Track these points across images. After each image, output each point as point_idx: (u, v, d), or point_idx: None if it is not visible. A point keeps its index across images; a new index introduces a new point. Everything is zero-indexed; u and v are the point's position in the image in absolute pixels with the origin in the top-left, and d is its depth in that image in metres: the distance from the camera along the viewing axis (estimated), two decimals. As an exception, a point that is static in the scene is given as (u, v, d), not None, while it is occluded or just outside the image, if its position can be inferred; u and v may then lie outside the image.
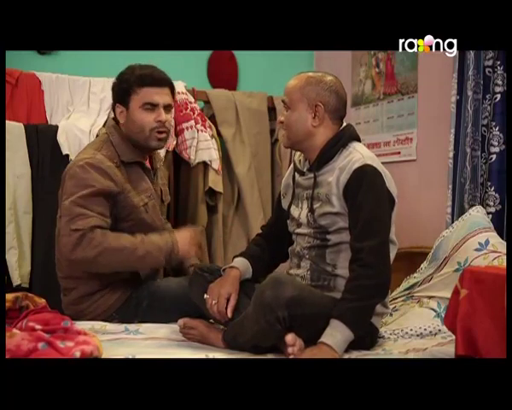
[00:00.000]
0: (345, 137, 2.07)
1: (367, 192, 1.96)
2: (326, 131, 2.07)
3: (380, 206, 1.98)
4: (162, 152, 2.88)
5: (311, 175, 2.08)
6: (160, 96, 2.32)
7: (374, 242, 1.93)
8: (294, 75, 2.12)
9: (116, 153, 2.32)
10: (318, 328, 1.87)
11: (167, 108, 2.36)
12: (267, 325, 1.85)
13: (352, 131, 2.12)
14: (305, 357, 1.81)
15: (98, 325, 2.21)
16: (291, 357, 1.84)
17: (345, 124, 2.13)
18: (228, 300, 2.05)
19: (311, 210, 2.05)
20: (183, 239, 2.31)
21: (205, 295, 2.09)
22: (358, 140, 2.11)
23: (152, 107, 2.31)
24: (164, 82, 2.34)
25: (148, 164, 2.43)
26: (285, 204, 2.21)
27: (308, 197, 2.08)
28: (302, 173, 2.13)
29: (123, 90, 2.32)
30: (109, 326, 2.21)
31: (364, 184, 1.96)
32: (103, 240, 2.17)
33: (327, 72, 2.15)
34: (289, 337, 1.86)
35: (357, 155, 2.01)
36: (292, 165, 2.23)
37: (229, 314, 2.04)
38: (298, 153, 2.20)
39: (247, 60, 3.61)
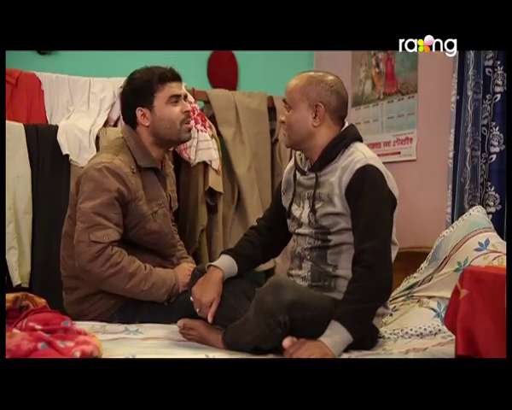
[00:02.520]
0: (347, 138, 2.07)
1: (369, 193, 1.95)
2: (327, 131, 2.07)
3: (381, 206, 1.98)
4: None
5: (313, 175, 2.08)
6: (179, 88, 2.40)
7: (375, 242, 1.93)
8: (295, 75, 2.11)
9: (133, 158, 2.33)
10: (320, 331, 1.87)
11: (185, 99, 2.44)
12: (268, 329, 1.85)
13: (354, 131, 2.12)
14: (301, 356, 1.81)
15: (98, 325, 2.21)
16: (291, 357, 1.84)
17: (347, 124, 2.12)
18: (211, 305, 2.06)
19: (313, 210, 2.05)
20: (183, 273, 2.35)
21: (190, 298, 2.10)
22: (360, 140, 2.11)
23: (176, 99, 2.37)
24: (179, 77, 2.42)
25: (161, 170, 2.44)
26: (285, 202, 2.21)
27: (310, 197, 2.08)
28: (303, 173, 2.13)
29: (144, 92, 2.35)
30: (109, 326, 2.22)
31: (366, 185, 1.96)
32: (120, 262, 2.21)
33: (328, 71, 2.15)
34: (286, 342, 1.86)
35: (360, 155, 2.01)
36: (292, 160, 2.23)
37: (210, 320, 2.05)
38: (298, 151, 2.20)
39: (247, 60, 3.60)
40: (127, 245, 2.31)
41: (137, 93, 2.36)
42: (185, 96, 2.46)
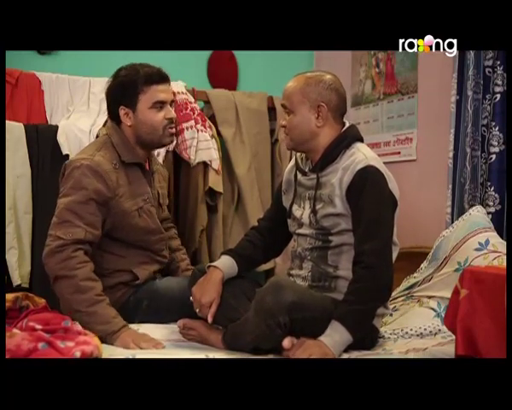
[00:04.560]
0: (348, 138, 2.06)
1: (370, 193, 1.95)
2: (330, 130, 2.06)
3: (382, 207, 1.97)
4: (162, 153, 2.88)
5: (314, 176, 2.08)
6: (166, 93, 2.32)
7: (376, 243, 1.92)
8: (292, 77, 2.10)
9: (116, 153, 2.30)
10: (320, 332, 1.87)
11: (171, 104, 2.37)
12: (268, 330, 1.85)
13: (355, 131, 2.11)
14: (301, 356, 1.81)
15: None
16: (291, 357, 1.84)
17: (348, 124, 2.12)
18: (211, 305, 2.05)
19: (314, 211, 2.05)
20: (126, 338, 2.02)
21: (190, 298, 2.09)
22: (361, 141, 2.11)
23: (161, 105, 2.31)
24: (167, 78, 2.34)
25: (147, 166, 2.41)
26: (286, 202, 2.21)
27: (311, 198, 2.08)
28: (304, 173, 2.13)
29: (128, 91, 2.29)
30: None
31: (367, 186, 1.95)
32: (75, 269, 2.09)
33: (323, 70, 2.15)
34: (286, 342, 1.86)
35: (361, 155, 2.01)
36: (293, 160, 2.23)
37: (210, 321, 2.05)
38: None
39: (247, 60, 3.60)
40: (117, 243, 2.30)
41: (121, 91, 2.30)
42: (172, 102, 2.37)
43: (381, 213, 1.96)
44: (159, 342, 2.03)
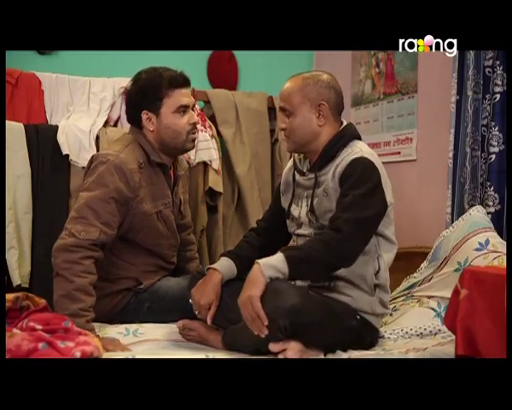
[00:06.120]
0: (346, 137, 2.06)
1: (359, 179, 1.93)
2: (330, 129, 2.06)
3: (370, 194, 1.94)
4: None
5: (312, 175, 2.07)
6: (189, 97, 2.32)
7: (353, 215, 1.89)
8: (287, 79, 2.10)
9: (144, 152, 2.28)
10: (320, 334, 1.87)
11: (193, 108, 2.36)
12: (269, 335, 1.84)
13: (353, 130, 2.11)
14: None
15: (98, 325, 2.21)
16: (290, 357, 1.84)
17: (345, 123, 2.12)
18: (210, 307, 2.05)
19: (312, 209, 2.04)
20: (106, 343, 2.00)
21: (190, 301, 2.09)
22: (359, 139, 2.10)
23: (185, 109, 2.29)
24: (189, 82, 2.33)
25: (171, 172, 2.40)
26: (285, 203, 2.20)
27: (308, 196, 2.07)
28: (302, 173, 2.13)
29: (152, 96, 2.26)
30: (109, 327, 2.21)
31: (358, 171, 1.94)
32: (76, 276, 2.07)
33: (318, 70, 2.15)
34: (275, 348, 1.85)
35: (356, 149, 2.01)
36: (291, 160, 2.22)
37: (209, 323, 2.05)
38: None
39: (247, 60, 3.60)
40: (129, 249, 2.30)
41: (144, 95, 2.27)
42: (193, 106, 2.35)
43: (366, 197, 1.92)
44: (126, 346, 2.03)
